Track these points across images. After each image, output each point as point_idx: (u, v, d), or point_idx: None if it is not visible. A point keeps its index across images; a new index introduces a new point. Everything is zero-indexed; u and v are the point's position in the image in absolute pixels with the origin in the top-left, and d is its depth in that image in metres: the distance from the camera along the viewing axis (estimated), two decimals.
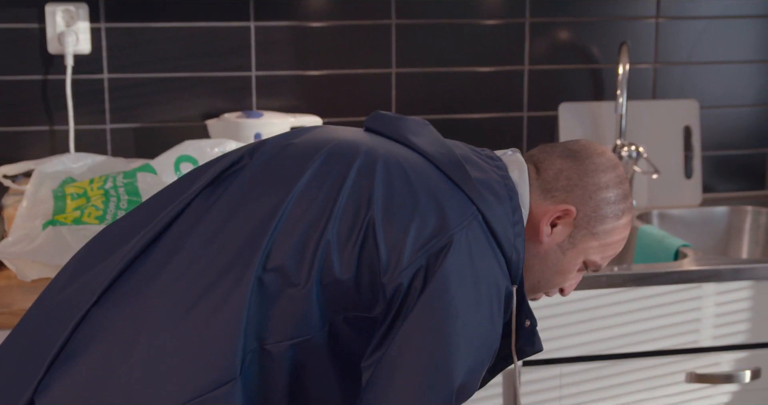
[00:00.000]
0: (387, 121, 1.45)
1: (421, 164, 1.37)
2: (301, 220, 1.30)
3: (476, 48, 2.50)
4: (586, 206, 1.42)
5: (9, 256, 1.92)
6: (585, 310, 1.99)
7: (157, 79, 2.36)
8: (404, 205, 1.31)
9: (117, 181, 2.00)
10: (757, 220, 2.56)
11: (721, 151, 2.67)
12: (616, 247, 1.46)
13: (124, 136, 2.36)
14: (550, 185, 1.43)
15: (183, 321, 1.27)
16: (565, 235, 1.43)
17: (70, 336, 1.31)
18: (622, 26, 2.56)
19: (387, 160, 1.36)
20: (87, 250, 1.43)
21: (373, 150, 1.37)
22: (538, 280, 1.46)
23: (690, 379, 2.05)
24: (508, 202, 1.37)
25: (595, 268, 1.48)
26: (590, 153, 1.45)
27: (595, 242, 1.44)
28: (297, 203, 1.31)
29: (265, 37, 2.39)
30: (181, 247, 1.33)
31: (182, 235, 1.34)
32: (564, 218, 1.42)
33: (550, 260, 1.44)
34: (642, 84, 2.59)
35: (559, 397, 2.00)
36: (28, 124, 2.32)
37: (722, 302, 2.05)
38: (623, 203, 1.44)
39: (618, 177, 1.44)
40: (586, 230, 1.43)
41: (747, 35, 2.63)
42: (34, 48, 2.30)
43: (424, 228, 1.30)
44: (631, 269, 2.03)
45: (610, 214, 1.43)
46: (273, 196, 1.33)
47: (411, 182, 1.33)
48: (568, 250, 1.44)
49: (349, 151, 1.37)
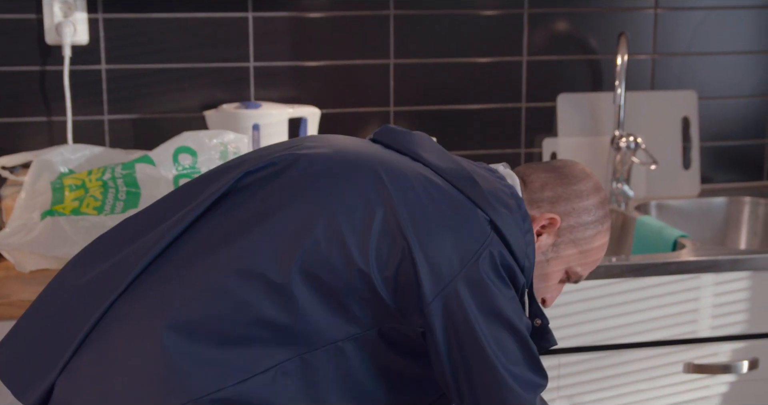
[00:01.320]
0: (396, 136, 1.49)
1: (439, 180, 1.41)
2: (337, 237, 1.33)
3: (475, 39, 2.49)
4: (569, 217, 1.51)
5: (7, 247, 1.92)
6: (583, 300, 1.99)
7: (155, 70, 2.36)
8: (434, 224, 1.35)
9: (115, 172, 2.00)
10: (755, 211, 2.56)
11: (720, 141, 2.67)
12: (597, 254, 1.55)
13: (122, 127, 2.36)
14: (536, 196, 1.51)
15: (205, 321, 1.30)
16: (549, 243, 1.51)
17: (96, 323, 1.32)
18: (621, 17, 2.56)
19: (408, 176, 1.39)
20: (106, 240, 1.44)
21: (391, 165, 1.41)
22: None
23: (688, 369, 2.06)
24: (518, 211, 1.43)
25: (576, 279, 1.56)
26: (573, 169, 1.55)
27: (576, 251, 1.52)
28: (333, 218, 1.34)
29: (264, 28, 2.39)
30: (208, 247, 1.34)
31: (209, 234, 1.36)
32: (549, 227, 1.50)
33: (535, 269, 1.50)
34: (640, 75, 2.59)
35: (557, 387, 2.01)
36: (26, 115, 2.32)
37: (720, 293, 2.06)
38: (602, 210, 1.53)
39: (595, 187, 1.54)
40: (569, 239, 1.51)
41: (745, 26, 2.63)
42: (31, 39, 2.29)
43: (455, 245, 1.35)
44: (630, 260, 2.03)
45: (591, 222, 1.52)
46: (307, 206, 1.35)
47: (434, 198, 1.38)
48: (552, 258, 1.51)
49: (369, 166, 1.40)
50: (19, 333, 1.40)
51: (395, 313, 1.34)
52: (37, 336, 1.37)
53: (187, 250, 1.35)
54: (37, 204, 1.96)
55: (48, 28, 2.27)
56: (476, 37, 2.49)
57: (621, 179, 2.45)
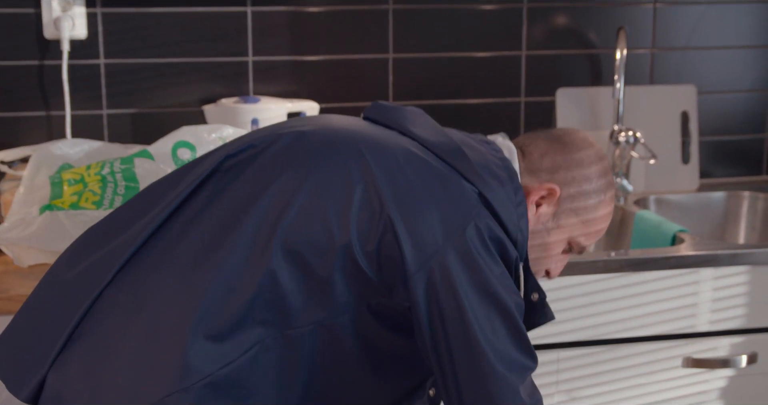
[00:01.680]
0: (386, 112, 1.47)
1: (424, 153, 1.38)
2: (319, 213, 1.31)
3: (473, 33, 2.49)
4: (570, 187, 1.47)
5: (5, 242, 1.92)
6: (582, 295, 1.99)
7: (153, 64, 2.35)
8: (417, 197, 1.33)
9: (114, 167, 2.00)
10: (754, 205, 2.56)
11: (719, 136, 2.67)
12: (600, 224, 1.51)
13: (120, 122, 2.36)
14: (535, 166, 1.48)
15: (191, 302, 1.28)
16: (549, 214, 1.47)
17: (84, 315, 1.33)
18: (620, 11, 2.56)
19: (393, 152, 1.37)
20: (96, 231, 1.44)
21: (375, 141, 1.38)
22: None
23: (687, 363, 2.06)
24: (509, 183, 1.40)
25: (580, 250, 1.52)
26: (574, 138, 1.51)
27: (577, 220, 1.48)
28: (313, 195, 1.32)
29: (262, 22, 2.39)
30: (193, 230, 1.34)
31: (193, 218, 1.35)
32: (548, 197, 1.46)
33: (535, 240, 1.48)
34: (640, 69, 2.59)
35: (556, 381, 2.01)
36: (24, 109, 2.32)
37: (719, 287, 2.06)
38: (604, 180, 1.49)
39: (597, 156, 1.50)
40: (570, 209, 1.48)
41: (745, 20, 2.63)
42: (30, 33, 2.29)
43: (441, 218, 1.32)
44: (628, 254, 2.03)
45: (592, 191, 1.48)
46: (286, 184, 1.33)
47: (419, 172, 1.35)
48: (553, 229, 1.48)
49: (352, 142, 1.38)
50: (14, 329, 1.40)
51: (381, 289, 1.32)
52: (30, 331, 1.38)
53: (171, 236, 1.35)
54: (36, 198, 1.96)
55: (46, 22, 2.27)
56: (475, 31, 2.49)
57: (620, 174, 2.45)
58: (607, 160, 1.51)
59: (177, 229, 1.36)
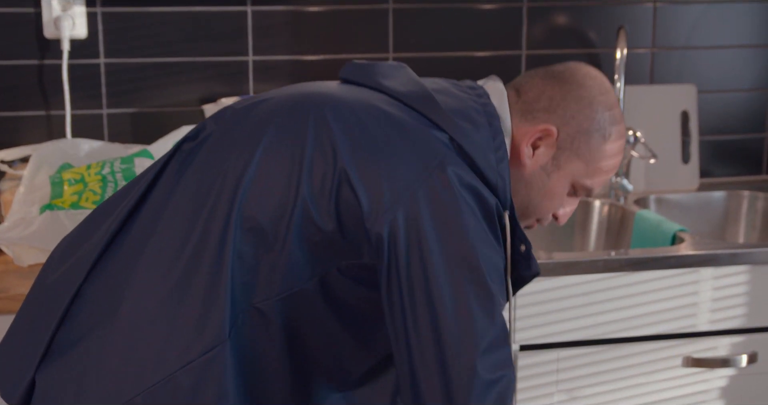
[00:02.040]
0: (359, 69, 1.42)
1: (390, 105, 1.33)
2: (272, 178, 1.28)
3: (474, 32, 2.49)
4: (568, 126, 1.38)
5: (6, 242, 1.92)
6: (582, 294, 1.99)
7: (153, 63, 2.35)
8: (375, 149, 1.27)
9: (114, 167, 2.00)
10: (754, 205, 2.56)
11: (719, 135, 2.67)
12: (605, 165, 1.41)
13: (120, 121, 2.36)
14: (530, 107, 1.39)
15: (167, 290, 1.27)
16: (548, 156, 1.39)
17: (65, 315, 1.33)
18: (620, 10, 2.56)
19: (352, 107, 1.32)
20: (76, 232, 1.45)
21: (336, 99, 1.34)
22: (525, 205, 1.42)
23: (687, 363, 2.06)
24: (487, 127, 1.33)
25: (587, 193, 1.43)
26: (575, 73, 1.40)
27: (580, 164, 1.40)
28: (264, 161, 1.29)
29: (262, 21, 2.39)
30: (159, 219, 1.32)
31: (158, 207, 1.34)
32: (545, 139, 1.38)
33: (535, 183, 1.40)
34: (640, 68, 2.59)
35: (556, 381, 2.01)
36: (24, 109, 2.32)
37: (719, 287, 2.06)
38: (610, 123, 1.39)
39: (600, 90, 1.40)
40: (570, 151, 1.39)
41: (745, 20, 2.63)
42: (30, 32, 2.29)
43: (400, 167, 1.26)
44: (628, 254, 2.03)
45: (594, 130, 1.38)
46: (240, 156, 1.31)
47: (379, 125, 1.30)
48: (553, 172, 1.40)
49: (311, 103, 1.34)
50: (8, 335, 1.41)
51: (349, 250, 1.27)
52: (19, 336, 1.39)
53: (138, 229, 1.34)
54: (36, 198, 1.96)
55: (46, 21, 2.27)
56: (475, 30, 2.49)
57: (620, 173, 2.45)
58: (613, 95, 1.40)
59: (144, 220, 1.34)
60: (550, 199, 1.42)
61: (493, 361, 1.24)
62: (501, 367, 1.25)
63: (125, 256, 1.33)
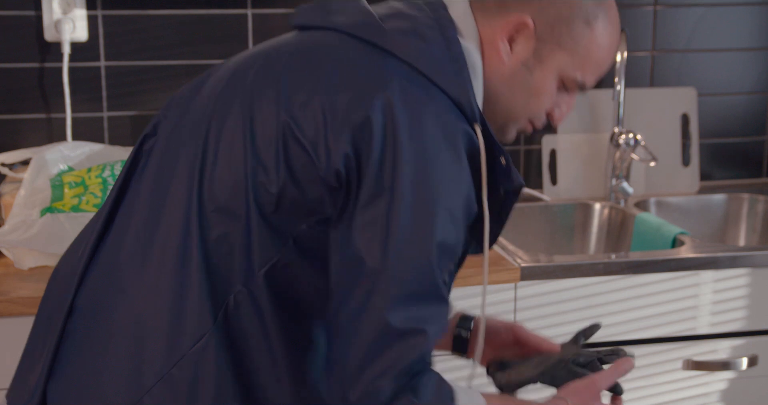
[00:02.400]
0: (308, 12, 1.37)
1: (332, 42, 1.29)
2: (223, 159, 1.26)
3: None
4: (545, 14, 1.28)
5: (6, 245, 1.92)
6: (583, 297, 1.99)
7: (154, 66, 2.35)
8: (312, 92, 1.23)
9: (115, 170, 2.00)
10: (754, 208, 2.56)
11: (719, 138, 2.67)
12: (593, 54, 1.31)
13: (121, 124, 2.36)
14: (500, 2, 1.29)
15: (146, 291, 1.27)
16: (528, 51, 1.29)
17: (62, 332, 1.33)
18: (620, 13, 2.54)
19: (290, 54, 1.29)
20: (72, 245, 1.46)
21: (269, 53, 1.32)
22: (511, 107, 1.34)
23: (687, 366, 2.06)
24: (441, 39, 1.25)
25: (580, 87, 1.33)
26: None
27: (564, 55, 1.30)
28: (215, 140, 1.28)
29: (263, 24, 2.39)
30: (128, 226, 1.32)
31: (128, 211, 1.33)
32: (521, 31, 1.28)
33: (517, 82, 1.31)
34: (640, 71, 2.59)
35: None
36: (25, 111, 2.32)
37: (719, 289, 2.06)
38: (594, 7, 1.29)
39: None
40: (552, 42, 1.29)
41: (745, 22, 2.63)
42: (30, 35, 2.29)
43: (339, 105, 1.21)
44: (629, 257, 2.03)
45: (577, 20, 1.28)
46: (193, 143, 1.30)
47: (317, 66, 1.26)
48: (536, 67, 1.30)
49: (246, 65, 1.32)
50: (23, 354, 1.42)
51: (309, 204, 1.23)
52: (28, 349, 1.40)
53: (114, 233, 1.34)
54: (37, 201, 1.96)
55: (47, 24, 2.27)
56: None
57: (620, 176, 2.45)
58: None
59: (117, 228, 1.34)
60: (537, 97, 1.32)
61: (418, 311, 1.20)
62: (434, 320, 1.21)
63: (106, 266, 1.33)
